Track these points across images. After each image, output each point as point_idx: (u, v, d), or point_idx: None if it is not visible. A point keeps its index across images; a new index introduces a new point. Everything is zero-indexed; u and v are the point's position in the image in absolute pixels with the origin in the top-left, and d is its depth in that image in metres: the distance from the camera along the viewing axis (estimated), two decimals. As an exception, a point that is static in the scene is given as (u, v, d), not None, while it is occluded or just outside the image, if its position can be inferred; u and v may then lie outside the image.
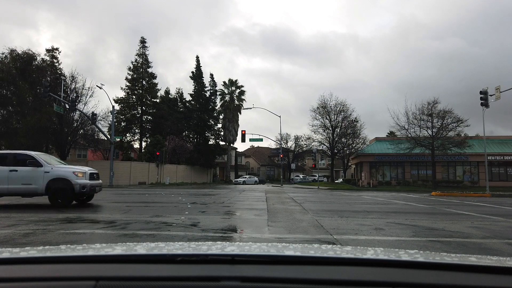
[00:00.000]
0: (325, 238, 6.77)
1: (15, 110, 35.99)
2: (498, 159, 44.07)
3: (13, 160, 12.21)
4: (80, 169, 12.81)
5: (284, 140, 64.41)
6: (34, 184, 11.89)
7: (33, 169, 11.97)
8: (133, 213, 10.82)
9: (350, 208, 13.57)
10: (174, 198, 17.82)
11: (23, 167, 11.98)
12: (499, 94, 24.84)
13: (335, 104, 51.49)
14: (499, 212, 12.58)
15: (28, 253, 1.42)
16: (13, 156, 12.44)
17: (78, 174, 12.20)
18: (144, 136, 50.73)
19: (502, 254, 5.67)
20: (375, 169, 47.15)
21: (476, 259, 1.52)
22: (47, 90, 28.98)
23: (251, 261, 1.31)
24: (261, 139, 51.24)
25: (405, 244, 6.29)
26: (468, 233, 7.62)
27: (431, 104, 38.64)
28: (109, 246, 1.61)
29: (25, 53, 37.16)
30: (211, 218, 9.51)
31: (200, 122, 54.81)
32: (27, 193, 12.27)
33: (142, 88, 49.54)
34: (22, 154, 12.67)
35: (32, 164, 12.02)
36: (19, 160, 12.23)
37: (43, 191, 11.92)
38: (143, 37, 52.07)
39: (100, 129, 36.98)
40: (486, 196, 24.29)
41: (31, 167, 11.98)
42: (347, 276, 1.18)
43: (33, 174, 11.91)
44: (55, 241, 6.15)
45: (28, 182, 11.90)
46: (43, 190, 11.91)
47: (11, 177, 11.83)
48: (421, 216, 11.05)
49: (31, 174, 11.92)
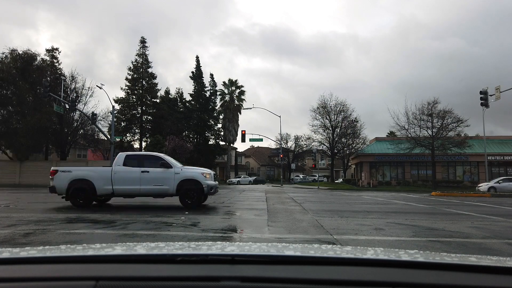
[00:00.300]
0: (325, 238, 6.77)
1: (15, 110, 36.01)
2: (498, 159, 44.07)
3: (144, 161, 12.40)
4: (207, 170, 12.90)
5: (284, 140, 64.41)
6: (165, 185, 11.97)
7: (164, 171, 12.08)
8: (133, 213, 10.82)
9: (350, 208, 13.57)
10: (174, 198, 17.80)
11: (154, 169, 12.11)
12: (499, 94, 24.86)
13: (335, 104, 51.50)
14: (499, 212, 12.58)
15: (28, 253, 1.42)
16: (143, 158, 12.72)
17: (206, 176, 12.31)
18: (144, 136, 50.69)
19: (502, 254, 5.67)
20: (375, 169, 47.16)
21: (476, 259, 1.52)
22: (47, 90, 28.97)
23: (251, 261, 1.31)
24: (261, 139, 51.23)
25: (405, 244, 6.29)
26: (468, 233, 7.62)
27: (431, 104, 38.68)
28: (109, 246, 1.61)
29: (25, 53, 37.19)
30: (211, 218, 9.51)
31: (200, 122, 54.80)
32: (159, 193, 12.37)
33: (142, 88, 49.51)
34: (152, 156, 13.02)
35: (163, 165, 12.18)
36: (149, 161, 12.41)
37: (174, 191, 12.01)
38: (143, 37, 51.98)
39: (100, 129, 36.98)
40: (486, 196, 24.30)
41: (162, 168, 12.12)
42: (347, 276, 1.18)
43: (164, 175, 12.01)
44: (55, 241, 6.15)
45: (160, 183, 11.98)
46: (174, 191, 12.00)
47: (143, 178, 11.93)
48: (421, 216, 11.05)
49: (162, 175, 12.02)
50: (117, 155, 12.72)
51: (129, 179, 11.94)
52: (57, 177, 11.96)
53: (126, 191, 12.15)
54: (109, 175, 11.94)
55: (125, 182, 11.95)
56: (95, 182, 11.84)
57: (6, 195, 19.21)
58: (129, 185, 11.97)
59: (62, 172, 12.08)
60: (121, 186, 11.95)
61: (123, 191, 12.10)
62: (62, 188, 11.86)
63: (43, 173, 36.97)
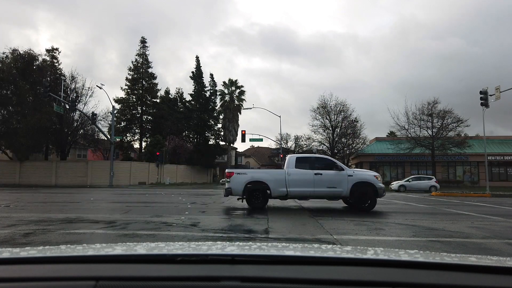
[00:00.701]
0: (325, 238, 6.77)
1: (15, 110, 36.02)
2: (498, 159, 44.08)
3: (315, 163, 12.47)
4: (376, 173, 12.86)
5: (284, 140, 64.23)
6: (338, 187, 11.96)
7: (337, 173, 12.09)
8: (133, 213, 10.82)
9: (350, 208, 13.55)
10: (174, 198, 17.83)
11: (326, 171, 12.14)
12: (499, 94, 24.84)
13: (335, 104, 51.38)
14: (499, 212, 12.57)
15: (28, 253, 1.42)
16: (314, 160, 12.81)
17: (378, 178, 12.30)
18: (144, 136, 50.72)
19: (502, 254, 5.67)
20: (375, 169, 47.09)
21: (476, 259, 1.52)
22: (47, 90, 28.99)
23: (251, 261, 1.31)
24: (261, 139, 51.15)
25: (405, 244, 6.29)
26: (468, 233, 7.62)
27: (431, 104, 38.71)
28: (109, 246, 1.61)
29: (26, 53, 37.20)
30: (211, 218, 9.51)
31: (200, 122, 54.80)
32: (332, 196, 12.38)
33: (142, 88, 49.53)
34: (323, 158, 13.23)
35: (336, 168, 12.23)
36: (320, 163, 12.48)
37: (347, 194, 11.96)
38: (143, 37, 52.05)
39: (100, 129, 36.99)
40: (486, 196, 24.28)
41: (335, 170, 12.14)
42: (347, 276, 1.18)
43: (337, 178, 12.00)
44: (55, 241, 6.15)
45: (333, 185, 11.99)
46: (347, 194, 11.96)
47: (316, 181, 11.97)
48: (421, 216, 11.05)
49: (336, 177, 12.02)
50: (288, 158, 12.75)
51: (303, 181, 12.04)
52: (234, 179, 12.10)
53: (300, 193, 12.22)
54: (284, 177, 12.08)
55: (299, 184, 12.04)
56: (270, 184, 12.00)
57: (6, 195, 19.20)
58: (303, 187, 12.03)
59: (238, 174, 12.23)
60: (295, 188, 12.04)
61: (297, 193, 12.19)
62: (238, 190, 12.04)
63: (43, 173, 37.09)
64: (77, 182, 35.67)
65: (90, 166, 37.82)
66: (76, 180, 36.02)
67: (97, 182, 35.83)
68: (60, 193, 21.43)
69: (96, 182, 35.89)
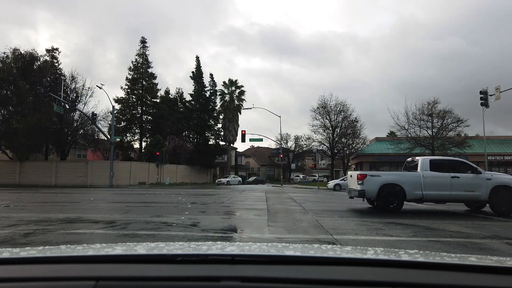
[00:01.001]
0: (325, 238, 6.77)
1: (15, 110, 36.00)
2: (498, 159, 44.09)
3: (449, 166, 12.25)
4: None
5: (284, 140, 64.35)
6: (476, 191, 11.67)
7: (475, 176, 11.82)
8: (133, 213, 10.82)
9: (350, 208, 13.57)
10: (174, 198, 17.83)
11: (464, 174, 11.87)
12: (499, 94, 24.84)
13: (335, 104, 51.45)
14: (499, 212, 12.55)
15: (28, 253, 1.42)
16: (448, 163, 12.63)
17: None
18: (144, 136, 50.69)
19: (502, 254, 5.67)
20: (375, 169, 47.07)
21: (476, 259, 1.52)
22: (47, 90, 28.98)
23: (251, 261, 1.31)
24: (261, 139, 51.18)
25: (405, 244, 6.29)
26: (468, 233, 7.62)
27: (431, 104, 38.69)
28: (109, 246, 1.61)
29: (27, 53, 37.19)
30: (211, 218, 9.51)
31: (200, 122, 54.78)
32: (470, 200, 12.23)
33: (142, 88, 49.51)
34: (458, 161, 12.92)
35: (473, 171, 11.97)
36: (455, 166, 12.28)
37: (486, 198, 11.68)
38: (143, 37, 51.97)
39: (100, 129, 36.99)
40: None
41: (473, 174, 11.89)
42: (347, 276, 1.18)
43: (476, 181, 11.72)
44: (55, 241, 6.15)
45: (471, 189, 11.71)
46: (486, 198, 11.67)
47: (453, 184, 11.71)
48: (421, 216, 11.06)
49: (474, 181, 11.75)
50: (421, 160, 12.43)
51: (439, 184, 11.77)
52: (367, 182, 11.81)
53: (437, 196, 11.97)
54: (419, 180, 11.81)
55: (435, 187, 11.79)
56: (405, 187, 11.70)
57: (6, 195, 19.20)
58: (439, 190, 11.78)
59: (371, 176, 11.98)
60: (431, 192, 11.78)
61: (434, 196, 11.93)
62: (372, 192, 11.77)
63: (43, 173, 37.07)
64: (77, 182, 35.66)
65: (90, 166, 37.81)
66: (76, 180, 36.01)
67: (97, 182, 35.83)
68: (60, 193, 21.43)
69: (96, 182, 35.89)
